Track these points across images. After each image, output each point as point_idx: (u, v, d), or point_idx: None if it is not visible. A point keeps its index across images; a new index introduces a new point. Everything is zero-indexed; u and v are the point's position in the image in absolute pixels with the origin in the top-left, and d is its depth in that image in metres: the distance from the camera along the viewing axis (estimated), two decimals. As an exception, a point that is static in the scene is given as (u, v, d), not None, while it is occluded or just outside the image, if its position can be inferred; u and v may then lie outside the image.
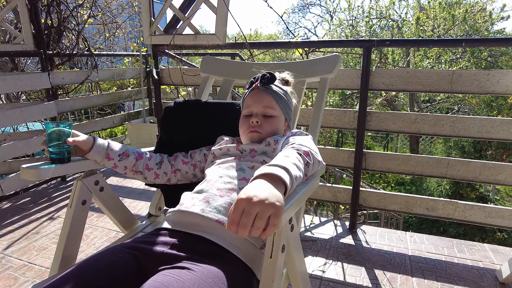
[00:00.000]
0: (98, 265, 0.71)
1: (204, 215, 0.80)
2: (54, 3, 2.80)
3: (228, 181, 0.87)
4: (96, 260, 0.72)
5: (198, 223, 0.81)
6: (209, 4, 1.92)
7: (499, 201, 8.70)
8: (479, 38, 5.83)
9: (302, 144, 0.87)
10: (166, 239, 0.79)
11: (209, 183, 0.89)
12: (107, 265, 0.71)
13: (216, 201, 0.82)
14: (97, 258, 0.72)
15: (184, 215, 0.84)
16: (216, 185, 0.87)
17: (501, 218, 1.79)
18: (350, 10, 8.93)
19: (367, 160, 1.96)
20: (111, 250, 0.75)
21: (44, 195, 2.48)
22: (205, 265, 0.70)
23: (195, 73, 2.32)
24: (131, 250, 0.76)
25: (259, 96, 1.02)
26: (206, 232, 0.79)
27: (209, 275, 0.67)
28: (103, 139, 1.00)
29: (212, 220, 0.79)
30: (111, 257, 0.73)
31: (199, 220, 0.81)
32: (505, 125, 1.71)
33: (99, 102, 3.28)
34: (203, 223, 0.80)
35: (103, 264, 0.71)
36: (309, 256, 1.69)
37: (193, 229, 0.80)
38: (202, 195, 0.86)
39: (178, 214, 0.85)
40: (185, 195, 0.91)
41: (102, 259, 0.72)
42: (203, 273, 0.67)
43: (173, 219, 0.86)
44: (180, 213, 0.85)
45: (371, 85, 1.85)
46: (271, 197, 0.59)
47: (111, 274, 0.70)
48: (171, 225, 0.84)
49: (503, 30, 9.11)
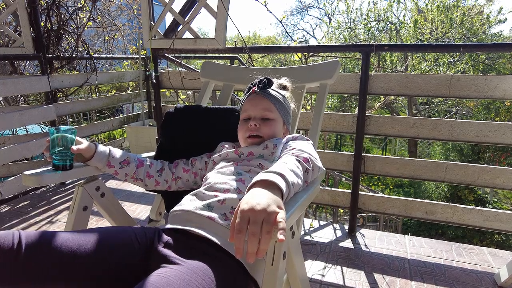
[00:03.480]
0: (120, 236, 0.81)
1: (196, 211, 0.83)
2: (54, 7, 2.80)
3: (224, 182, 0.89)
4: (120, 231, 0.82)
5: (190, 219, 0.83)
6: (209, 8, 1.93)
7: (497, 203, 8.73)
8: (477, 43, 5.86)
9: (302, 149, 0.88)
10: (164, 237, 0.83)
11: (205, 186, 0.91)
12: (126, 242, 0.80)
13: (210, 199, 0.85)
14: (121, 230, 0.83)
15: (181, 213, 0.87)
16: (213, 187, 0.89)
17: (499, 222, 1.80)
18: (348, 12, 8.96)
19: (366, 164, 1.97)
20: (133, 229, 0.84)
21: (43, 198, 2.48)
22: (192, 261, 0.72)
23: (195, 77, 2.33)
24: (147, 237, 0.83)
25: (257, 100, 1.03)
26: (200, 227, 0.81)
27: (196, 270, 0.68)
28: (104, 146, 1.00)
29: (204, 217, 0.81)
30: (131, 236, 0.81)
31: (191, 217, 0.83)
32: (503, 129, 1.72)
33: (99, 105, 3.28)
34: (194, 219, 0.83)
35: (122, 242, 0.80)
36: (309, 260, 1.70)
37: (186, 224, 0.83)
38: (199, 196, 0.89)
39: (176, 213, 0.89)
40: (185, 197, 0.94)
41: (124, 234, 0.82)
42: (189, 269, 0.68)
43: (172, 218, 0.89)
44: (178, 212, 0.88)
45: (370, 90, 1.86)
46: (272, 203, 0.60)
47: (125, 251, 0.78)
48: (170, 224, 0.87)
49: (500, 33, 9.17)
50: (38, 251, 0.69)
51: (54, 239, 0.72)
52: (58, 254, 0.70)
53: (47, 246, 0.70)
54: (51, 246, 0.71)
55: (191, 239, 0.80)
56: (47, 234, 0.73)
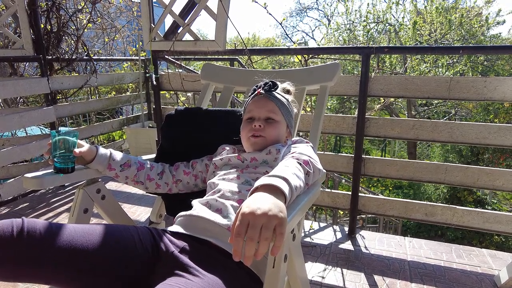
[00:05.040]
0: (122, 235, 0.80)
1: (216, 221, 0.82)
2: (54, 9, 2.81)
3: (236, 191, 0.88)
4: (123, 229, 0.81)
5: (209, 229, 0.82)
6: (209, 10, 1.93)
7: (496, 204, 8.74)
8: (476, 45, 5.88)
9: (302, 153, 0.88)
10: (176, 241, 0.81)
11: (217, 194, 0.90)
12: (129, 242, 0.79)
13: (227, 210, 0.84)
14: (123, 228, 0.82)
15: (197, 219, 0.85)
16: (225, 195, 0.88)
17: (499, 224, 1.80)
18: (347, 14, 8.97)
19: (366, 166, 1.97)
20: (137, 229, 0.83)
21: (43, 200, 2.47)
22: (211, 275, 0.71)
23: (195, 78, 2.33)
24: (151, 238, 0.82)
25: (262, 101, 1.03)
26: (216, 238, 0.80)
27: (214, 286, 0.68)
28: (105, 149, 1.01)
29: (223, 227, 0.80)
30: (134, 235, 0.81)
31: (210, 226, 0.82)
32: (502, 131, 1.72)
33: (98, 106, 3.28)
34: (214, 229, 0.82)
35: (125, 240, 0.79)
36: (309, 262, 1.70)
37: (204, 234, 0.82)
38: (212, 204, 0.88)
39: (190, 218, 0.87)
40: (196, 202, 0.93)
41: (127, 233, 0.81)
42: (210, 284, 0.68)
43: (185, 223, 0.88)
44: (193, 217, 0.86)
45: (370, 92, 1.86)
46: (274, 207, 0.60)
47: (128, 249, 0.78)
48: (183, 229, 0.86)
49: (499, 34, 9.19)
50: (39, 237, 0.70)
51: (56, 226, 0.74)
52: (58, 239, 0.71)
53: (48, 232, 0.72)
54: (52, 230, 0.73)
55: (209, 248, 0.79)
56: (50, 223, 0.75)
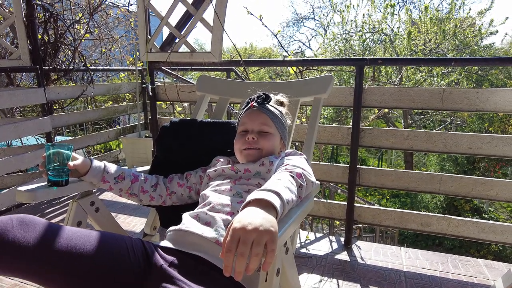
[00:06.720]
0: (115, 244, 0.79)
1: (204, 235, 0.81)
2: (51, 19, 2.82)
3: (226, 204, 0.88)
4: (115, 237, 0.81)
5: (198, 243, 0.82)
6: (205, 23, 1.95)
7: (493, 213, 8.75)
8: (467, 58, 5.97)
9: (295, 165, 0.89)
10: (166, 255, 0.81)
11: (207, 206, 0.90)
12: (122, 251, 0.78)
13: (216, 224, 0.83)
14: (117, 237, 0.82)
15: (185, 234, 0.85)
16: (215, 208, 0.88)
17: (494, 234, 1.81)
18: (343, 24, 9.09)
19: (361, 176, 1.98)
20: (130, 239, 0.83)
21: (37, 211, 2.45)
22: None
23: (191, 89, 2.35)
24: (143, 249, 0.82)
25: (255, 114, 1.04)
26: (206, 252, 0.80)
27: None
28: (99, 162, 1.01)
29: (211, 241, 0.80)
30: (127, 245, 0.80)
31: (199, 241, 0.82)
32: (495, 141, 1.74)
33: (95, 116, 3.28)
34: (203, 243, 0.81)
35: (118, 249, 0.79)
36: (304, 273, 1.69)
37: (192, 248, 0.81)
38: (202, 218, 0.87)
39: (179, 233, 0.87)
40: (186, 215, 0.92)
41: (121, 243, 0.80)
42: None
43: (174, 237, 0.87)
44: (182, 232, 0.86)
45: (364, 103, 1.88)
46: (265, 222, 0.60)
47: (119, 261, 0.77)
48: (172, 244, 0.85)
49: (492, 44, 9.32)
50: (38, 233, 0.70)
51: (56, 226, 0.75)
52: (58, 239, 0.71)
53: (48, 230, 0.72)
54: (51, 229, 0.73)
55: (198, 263, 0.78)
56: (50, 222, 0.75)
